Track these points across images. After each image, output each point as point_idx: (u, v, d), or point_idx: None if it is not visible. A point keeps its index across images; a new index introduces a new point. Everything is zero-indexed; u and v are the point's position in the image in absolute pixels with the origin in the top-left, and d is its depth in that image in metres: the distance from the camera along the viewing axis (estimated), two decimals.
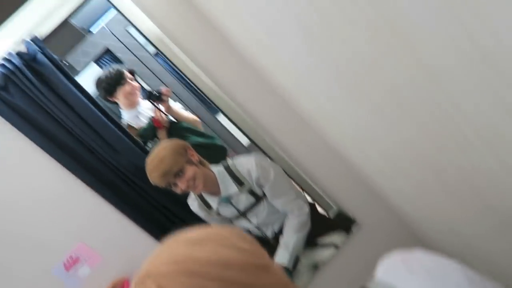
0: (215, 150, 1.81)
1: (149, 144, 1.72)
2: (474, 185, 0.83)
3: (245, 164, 1.53)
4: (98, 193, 1.49)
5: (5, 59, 1.43)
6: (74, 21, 2.01)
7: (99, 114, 1.51)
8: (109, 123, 1.53)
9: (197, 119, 1.84)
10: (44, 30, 1.50)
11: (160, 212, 1.60)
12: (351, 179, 1.62)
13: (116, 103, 1.79)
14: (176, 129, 1.78)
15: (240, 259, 0.54)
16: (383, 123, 0.91)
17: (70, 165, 1.47)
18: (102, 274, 1.51)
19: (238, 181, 1.52)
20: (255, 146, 1.62)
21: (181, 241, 0.56)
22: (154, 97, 1.74)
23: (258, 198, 1.56)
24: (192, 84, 1.68)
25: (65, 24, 1.58)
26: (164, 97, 1.73)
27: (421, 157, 0.91)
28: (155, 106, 1.73)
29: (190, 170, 1.40)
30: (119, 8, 1.58)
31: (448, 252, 1.30)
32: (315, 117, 1.38)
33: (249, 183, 1.52)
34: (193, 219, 1.58)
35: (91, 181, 1.49)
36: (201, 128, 1.84)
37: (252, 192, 1.54)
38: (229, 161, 1.56)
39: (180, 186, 1.41)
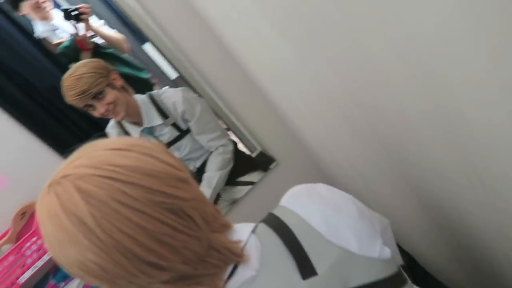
0: (141, 83, 1.73)
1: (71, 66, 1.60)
2: (377, 130, 0.92)
3: (171, 97, 1.50)
4: (5, 111, 1.37)
5: None
6: None
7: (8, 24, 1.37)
8: (20, 34, 1.40)
9: (124, 38, 1.65)
10: None
11: (77, 136, 1.53)
12: (275, 122, 1.69)
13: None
14: (102, 54, 1.65)
15: (163, 170, 0.53)
16: (299, 57, 0.93)
17: None
18: (9, 197, 1.43)
19: (162, 113, 1.50)
20: (182, 81, 1.59)
21: (101, 147, 0.54)
22: (71, 16, 1.58)
23: (182, 132, 1.56)
24: (119, 9, 1.58)
25: None
26: (83, 16, 1.55)
27: (332, 99, 0.97)
28: (74, 27, 1.58)
29: (111, 94, 1.35)
30: None
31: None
32: (244, 55, 1.38)
33: (174, 116, 1.51)
34: None
35: None
36: (128, 51, 1.71)
37: (176, 126, 1.54)
38: (154, 92, 1.52)
39: (98, 110, 1.35)
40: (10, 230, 1.41)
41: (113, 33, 1.64)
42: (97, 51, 1.59)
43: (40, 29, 1.58)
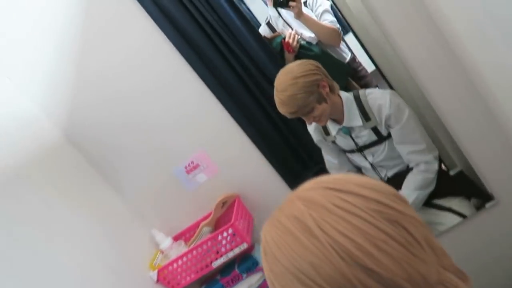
0: (341, 68, 1.65)
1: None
2: None
3: (379, 98, 1.38)
4: (229, 112, 1.51)
5: None
6: None
7: (239, 20, 1.49)
8: (248, 33, 1.50)
9: (337, 30, 1.57)
10: None
11: (284, 142, 1.60)
12: (503, 147, 1.36)
13: None
14: (307, 56, 1.64)
15: (381, 186, 0.54)
16: None
17: (207, 79, 1.48)
18: (216, 185, 1.59)
19: (365, 114, 1.40)
20: (379, 75, 1.48)
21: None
22: (280, 3, 1.55)
23: (381, 138, 1.43)
24: None
25: None
26: (292, 3, 1.51)
27: None
28: (279, 14, 1.57)
29: (318, 109, 1.33)
30: None
31: None
32: (476, 57, 1.14)
33: (376, 120, 1.39)
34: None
35: (225, 99, 1.51)
36: (339, 44, 1.61)
37: (376, 130, 1.42)
38: (361, 91, 1.43)
39: (306, 119, 1.38)
40: (212, 214, 1.55)
41: (326, 25, 1.57)
42: (301, 51, 1.59)
43: (270, 13, 1.63)
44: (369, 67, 1.58)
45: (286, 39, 1.55)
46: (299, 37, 1.56)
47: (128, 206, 1.59)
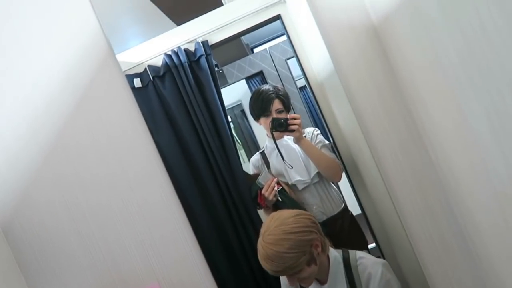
0: None
1: None
2: None
3: (369, 267, 1.26)
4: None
5: (174, 52, 1.53)
6: (243, 37, 2.11)
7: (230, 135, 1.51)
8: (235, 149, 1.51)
9: (336, 161, 1.51)
10: (215, 37, 1.58)
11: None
12: None
13: None
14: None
15: None
16: None
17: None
18: None
19: (351, 283, 1.25)
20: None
21: None
22: (280, 125, 1.45)
23: None
24: (330, 133, 1.58)
25: (234, 37, 1.64)
26: (293, 127, 1.44)
27: None
28: (274, 140, 1.49)
29: (305, 272, 1.14)
30: (291, 36, 1.59)
31: None
32: None
33: None
34: None
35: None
36: (339, 178, 1.53)
37: None
38: (352, 253, 1.30)
39: (288, 281, 1.19)
40: None
41: (327, 155, 1.52)
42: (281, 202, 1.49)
43: (267, 143, 1.66)
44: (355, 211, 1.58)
45: (263, 191, 1.48)
46: (277, 189, 1.48)
47: None
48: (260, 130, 1.70)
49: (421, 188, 1.20)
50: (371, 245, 1.60)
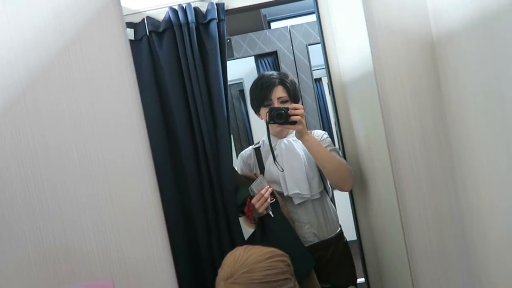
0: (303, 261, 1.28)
1: None
2: None
3: None
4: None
5: (181, 7, 1.25)
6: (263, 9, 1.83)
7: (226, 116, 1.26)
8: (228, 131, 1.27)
9: (346, 165, 1.26)
10: (233, 2, 1.30)
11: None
12: None
13: None
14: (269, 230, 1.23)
15: None
16: None
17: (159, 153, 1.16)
18: None
19: None
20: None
21: None
22: (277, 116, 1.19)
23: None
24: (340, 137, 1.36)
25: (256, 7, 1.37)
26: (294, 118, 1.18)
27: None
28: (268, 134, 1.26)
29: None
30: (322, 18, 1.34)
31: None
32: None
33: None
34: None
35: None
36: (349, 186, 1.28)
37: None
38: None
39: None
40: None
41: (336, 156, 1.27)
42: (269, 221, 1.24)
43: (264, 139, 1.41)
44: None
45: (254, 200, 1.21)
46: (270, 201, 1.23)
47: None
48: (259, 120, 1.41)
49: (437, 226, 1.04)
50: (360, 280, 1.40)
